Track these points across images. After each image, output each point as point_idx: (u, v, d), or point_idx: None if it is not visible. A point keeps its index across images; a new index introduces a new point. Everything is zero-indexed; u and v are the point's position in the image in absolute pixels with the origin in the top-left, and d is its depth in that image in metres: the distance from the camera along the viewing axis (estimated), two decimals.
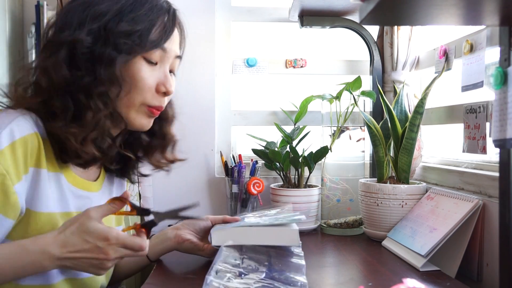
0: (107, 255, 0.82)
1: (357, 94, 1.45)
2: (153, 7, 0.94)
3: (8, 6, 1.97)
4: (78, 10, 0.91)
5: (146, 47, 0.92)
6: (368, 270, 1.09)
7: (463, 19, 0.80)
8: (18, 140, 0.82)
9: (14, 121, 0.83)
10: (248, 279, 0.88)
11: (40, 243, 0.81)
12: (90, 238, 0.81)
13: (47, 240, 0.81)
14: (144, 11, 0.93)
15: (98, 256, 0.82)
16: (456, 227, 1.07)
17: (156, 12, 0.94)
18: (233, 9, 1.70)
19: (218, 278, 0.85)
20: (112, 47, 0.89)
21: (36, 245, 0.80)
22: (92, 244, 0.81)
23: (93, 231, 0.81)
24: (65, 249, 0.80)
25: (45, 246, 0.80)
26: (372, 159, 1.58)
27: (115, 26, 0.90)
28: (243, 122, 1.72)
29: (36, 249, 0.80)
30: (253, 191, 1.49)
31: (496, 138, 0.85)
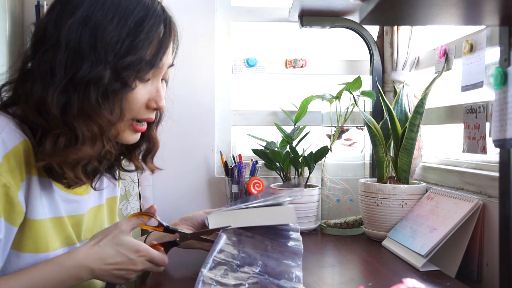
0: (135, 267, 0.89)
1: (357, 94, 1.45)
2: (153, 25, 0.88)
3: (8, 6, 1.97)
4: (85, 33, 0.83)
5: (144, 71, 0.88)
6: (368, 270, 1.09)
7: (463, 19, 0.80)
8: (12, 149, 0.80)
9: (4, 130, 0.81)
10: (242, 273, 0.87)
11: (76, 257, 0.85)
12: (123, 250, 0.88)
13: (81, 254, 0.86)
14: (145, 33, 0.87)
15: (128, 267, 0.88)
16: (456, 227, 1.07)
17: (155, 30, 0.88)
18: (233, 9, 1.70)
19: (213, 271, 0.85)
20: (120, 81, 0.85)
21: (72, 260, 0.85)
22: (125, 256, 0.88)
23: (126, 244, 0.88)
24: (102, 262, 0.86)
25: (81, 260, 0.85)
26: (372, 159, 1.58)
27: (123, 58, 0.84)
28: (243, 122, 1.72)
29: (73, 264, 0.84)
30: (253, 191, 1.49)
31: (496, 138, 0.85)
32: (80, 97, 0.82)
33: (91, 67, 0.82)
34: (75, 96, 0.82)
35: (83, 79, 0.81)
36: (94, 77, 0.82)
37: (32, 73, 0.84)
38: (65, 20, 0.84)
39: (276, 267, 0.92)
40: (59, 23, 0.84)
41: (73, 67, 0.82)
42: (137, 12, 0.86)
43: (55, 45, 0.83)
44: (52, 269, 0.83)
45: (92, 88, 0.82)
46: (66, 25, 0.83)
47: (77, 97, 0.82)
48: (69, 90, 0.82)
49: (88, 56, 0.82)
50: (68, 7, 0.85)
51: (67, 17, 0.84)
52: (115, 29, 0.84)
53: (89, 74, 0.82)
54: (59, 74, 0.82)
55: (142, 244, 0.90)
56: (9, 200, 0.80)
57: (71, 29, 0.83)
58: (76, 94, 0.82)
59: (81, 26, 0.83)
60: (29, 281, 0.81)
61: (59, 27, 0.84)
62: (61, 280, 0.83)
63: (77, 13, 0.84)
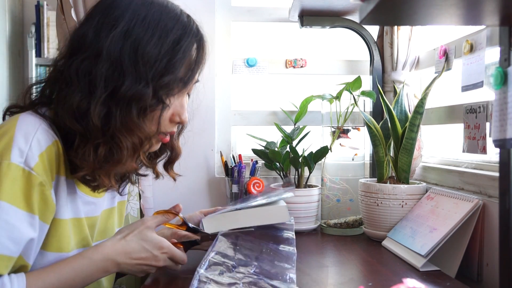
0: (158, 263, 0.93)
1: (357, 94, 1.45)
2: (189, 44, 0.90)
3: (8, 6, 1.97)
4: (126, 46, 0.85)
5: (177, 89, 0.91)
6: (368, 270, 1.09)
7: (463, 19, 0.80)
8: (46, 149, 0.83)
9: (38, 130, 0.83)
10: (237, 273, 0.88)
11: (103, 251, 0.89)
12: (148, 246, 0.92)
13: (109, 248, 0.90)
14: (182, 52, 0.88)
15: (151, 263, 0.93)
16: (456, 227, 1.07)
17: (190, 49, 0.90)
18: (233, 9, 1.70)
19: (209, 271, 0.86)
20: (157, 99, 0.87)
21: (100, 254, 0.89)
22: (149, 252, 0.92)
23: (151, 240, 0.93)
24: (127, 256, 0.90)
25: (109, 254, 0.89)
26: (372, 159, 1.58)
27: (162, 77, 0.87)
28: (243, 122, 1.72)
29: (101, 257, 0.88)
30: (253, 191, 1.49)
31: (496, 138, 0.85)
32: (123, 111, 0.84)
33: (133, 84, 0.84)
34: (117, 110, 0.84)
35: (125, 95, 0.84)
36: (136, 94, 0.84)
37: (68, 78, 0.85)
38: (106, 31, 0.85)
39: (270, 268, 0.93)
40: (99, 33, 0.86)
41: (114, 80, 0.84)
42: (176, 30, 0.89)
43: (95, 54, 0.84)
44: (82, 263, 0.87)
45: (133, 104, 0.84)
46: (107, 37, 0.85)
47: (119, 112, 0.84)
48: (110, 102, 0.84)
49: (129, 71, 0.84)
50: (109, 19, 0.87)
51: (108, 28, 0.86)
52: (155, 47, 0.86)
53: (132, 90, 0.84)
54: (99, 86, 0.83)
55: (165, 241, 0.94)
56: (44, 198, 0.82)
57: (112, 41, 0.84)
58: (118, 108, 0.84)
59: (122, 39, 0.85)
60: (60, 275, 0.84)
61: (100, 37, 0.85)
62: (90, 273, 0.87)
63: (118, 25, 0.86)
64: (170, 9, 0.91)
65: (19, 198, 0.79)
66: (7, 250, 0.77)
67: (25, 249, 0.81)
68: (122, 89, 0.83)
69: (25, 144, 0.80)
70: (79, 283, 0.87)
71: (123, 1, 0.89)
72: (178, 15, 0.91)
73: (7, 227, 0.77)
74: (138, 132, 0.86)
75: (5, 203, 0.77)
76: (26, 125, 0.83)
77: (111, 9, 0.88)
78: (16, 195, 0.78)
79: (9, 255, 0.77)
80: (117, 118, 0.84)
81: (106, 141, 0.85)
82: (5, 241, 0.77)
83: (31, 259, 0.83)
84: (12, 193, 0.78)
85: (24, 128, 0.82)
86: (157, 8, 0.89)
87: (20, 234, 0.78)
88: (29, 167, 0.79)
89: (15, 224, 0.78)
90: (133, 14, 0.87)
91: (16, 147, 0.79)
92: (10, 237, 0.77)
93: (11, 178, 0.78)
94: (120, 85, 0.84)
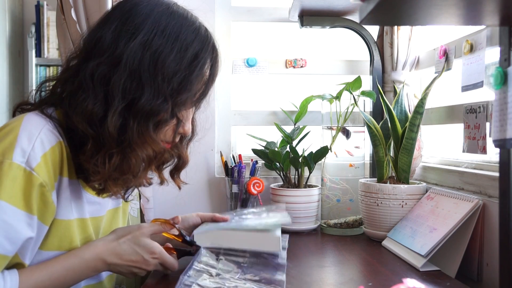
0: (148, 267, 0.93)
1: (357, 94, 1.45)
2: (205, 59, 0.91)
3: (8, 6, 1.97)
4: (146, 58, 0.85)
5: (191, 105, 0.93)
6: (368, 270, 1.09)
7: (463, 19, 0.80)
8: (49, 150, 0.83)
9: (42, 130, 0.83)
10: (222, 279, 0.89)
11: (95, 250, 0.89)
12: (140, 250, 0.91)
13: (100, 247, 0.90)
14: (199, 68, 0.89)
15: (141, 266, 0.92)
16: (456, 227, 1.07)
17: (206, 65, 0.91)
18: (233, 9, 1.70)
19: (193, 277, 0.87)
20: (173, 115, 0.88)
21: (91, 252, 0.89)
22: (141, 256, 0.91)
23: (144, 245, 0.92)
24: (118, 257, 0.90)
25: (99, 253, 0.89)
26: (372, 159, 1.58)
27: (180, 94, 0.88)
28: (243, 122, 1.71)
29: (92, 256, 0.88)
30: (253, 191, 1.49)
31: (496, 138, 0.85)
32: (140, 124, 0.85)
33: (152, 98, 0.84)
34: (134, 122, 0.84)
35: (143, 108, 0.84)
36: (154, 109, 0.85)
37: (83, 82, 0.84)
38: (125, 39, 0.85)
39: (256, 275, 0.93)
40: (118, 39, 0.85)
41: (132, 92, 0.84)
42: (195, 45, 0.89)
43: (114, 62, 0.84)
44: (73, 262, 0.87)
45: (151, 119, 0.85)
46: (126, 45, 0.84)
47: (136, 124, 0.85)
48: (126, 114, 0.84)
49: (148, 84, 0.84)
50: (128, 26, 0.86)
51: (127, 36, 0.85)
52: (174, 61, 0.86)
53: (150, 105, 0.84)
54: (117, 96, 0.83)
55: (158, 247, 0.94)
56: (44, 199, 0.82)
57: (132, 51, 0.84)
58: (135, 121, 0.84)
59: (142, 50, 0.85)
60: (52, 273, 0.84)
61: (118, 44, 0.85)
62: (81, 271, 0.87)
63: (138, 34, 0.85)
64: (190, 21, 0.91)
65: (18, 198, 0.79)
66: (2, 249, 0.77)
67: (21, 248, 0.81)
68: (140, 103, 0.84)
69: (28, 144, 0.80)
70: (70, 281, 0.87)
71: (144, 8, 0.88)
72: (197, 28, 0.91)
73: (5, 227, 0.77)
74: (153, 145, 0.87)
75: (4, 202, 0.77)
76: (30, 125, 0.83)
77: (131, 15, 0.87)
78: (16, 194, 0.78)
79: (4, 254, 0.78)
80: (134, 130, 0.84)
81: (120, 152, 0.85)
82: (2, 240, 0.77)
83: (28, 259, 0.83)
84: (12, 192, 0.78)
85: (28, 128, 0.82)
86: (177, 20, 0.89)
87: (17, 234, 0.78)
88: (30, 168, 0.79)
89: (13, 223, 0.78)
90: (153, 24, 0.86)
91: (19, 147, 0.80)
92: (7, 237, 0.77)
93: (12, 177, 0.78)
94: (138, 98, 0.84)
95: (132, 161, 0.86)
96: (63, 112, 0.87)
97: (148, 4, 0.89)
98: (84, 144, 0.85)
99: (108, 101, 0.84)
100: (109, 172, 0.85)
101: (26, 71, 2.38)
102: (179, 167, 1.05)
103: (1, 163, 0.78)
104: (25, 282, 0.80)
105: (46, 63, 2.38)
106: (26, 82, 2.38)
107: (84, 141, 0.85)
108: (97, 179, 0.86)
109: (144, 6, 0.88)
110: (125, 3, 0.90)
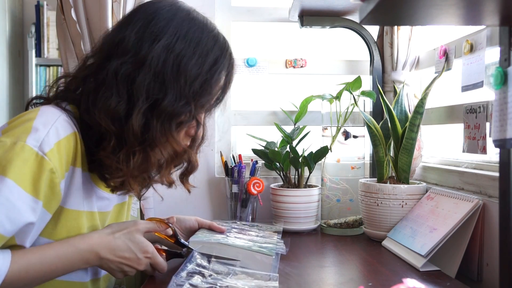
0: (139, 266, 0.92)
1: (357, 94, 1.45)
2: (223, 65, 0.94)
3: (8, 6, 1.97)
4: (169, 60, 0.88)
5: (209, 108, 0.97)
6: (368, 270, 1.09)
7: (463, 19, 0.80)
8: (63, 138, 0.84)
9: (58, 119, 0.85)
10: (214, 279, 0.89)
11: (89, 242, 0.88)
12: (134, 247, 0.91)
13: (95, 239, 0.89)
14: (218, 73, 0.93)
15: (132, 264, 0.91)
16: (456, 227, 1.07)
17: (224, 71, 0.95)
18: (233, 9, 1.70)
19: (185, 278, 0.88)
20: (193, 117, 0.92)
21: (85, 243, 0.87)
22: (134, 253, 0.91)
23: (138, 242, 0.91)
24: (111, 252, 0.89)
25: (93, 245, 0.88)
26: (372, 159, 1.58)
27: (200, 97, 0.91)
28: (243, 122, 1.71)
29: (85, 247, 0.87)
30: (253, 191, 1.49)
31: (496, 138, 0.85)
32: (164, 125, 0.88)
33: (175, 100, 0.87)
34: (157, 122, 0.87)
35: (166, 110, 0.87)
36: (177, 111, 0.88)
37: (106, 79, 0.87)
38: (149, 41, 0.88)
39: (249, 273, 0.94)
40: (142, 41, 0.88)
41: (156, 92, 0.87)
42: (215, 51, 0.93)
43: (138, 62, 0.87)
44: (66, 249, 0.86)
45: (173, 120, 0.88)
46: (151, 47, 0.87)
47: (160, 124, 0.87)
48: (149, 113, 0.87)
49: (171, 86, 0.88)
50: (152, 28, 0.89)
51: (151, 38, 0.88)
52: (196, 65, 0.89)
53: (173, 107, 0.87)
54: (141, 96, 0.86)
55: (151, 246, 0.94)
56: (52, 186, 0.83)
57: (156, 53, 0.87)
58: (159, 121, 0.87)
59: (165, 52, 0.88)
60: (43, 258, 0.83)
61: (142, 45, 0.88)
62: (72, 261, 0.86)
63: (162, 37, 0.88)
64: (210, 28, 0.94)
65: (27, 181, 0.79)
66: (1, 229, 0.76)
67: (21, 232, 0.80)
68: (163, 104, 0.87)
69: (43, 130, 0.82)
70: (60, 269, 0.85)
71: (167, 13, 0.91)
72: (216, 35, 0.95)
73: (8, 206, 0.77)
74: (175, 145, 0.90)
75: (11, 181, 0.77)
76: (47, 114, 0.85)
77: (153, 19, 0.90)
78: (25, 177, 0.79)
79: (2, 234, 0.77)
80: (157, 130, 0.87)
81: (142, 150, 0.88)
82: (3, 219, 0.76)
83: (27, 244, 0.83)
84: (21, 174, 0.78)
85: (44, 116, 0.84)
86: (198, 26, 0.92)
87: (19, 215, 0.78)
88: (42, 152, 0.80)
89: (16, 204, 0.78)
90: (176, 28, 0.90)
91: (34, 132, 0.81)
92: (8, 216, 0.77)
93: (23, 159, 0.79)
94: (162, 99, 0.87)
95: (154, 159, 0.90)
96: (83, 108, 0.89)
97: (171, 9, 0.92)
98: (103, 140, 0.87)
99: (131, 100, 0.86)
100: (131, 170, 0.87)
101: (26, 71, 2.38)
102: (188, 171, 1.06)
103: (14, 144, 0.79)
104: (16, 262, 0.79)
105: (46, 63, 2.38)
106: (26, 82, 2.38)
107: (104, 137, 0.87)
108: (119, 176, 0.88)
109: (167, 10, 0.91)
110: (147, 6, 0.93)
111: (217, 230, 1.16)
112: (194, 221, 1.17)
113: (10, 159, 0.78)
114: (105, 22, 1.38)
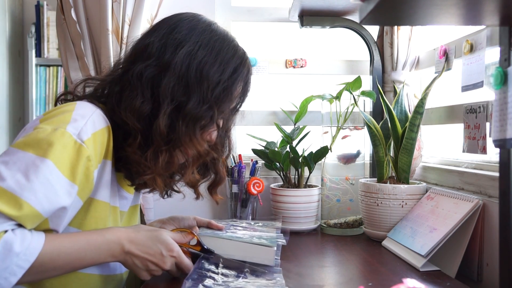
0: (164, 265, 0.92)
1: (357, 94, 1.45)
2: (242, 74, 0.99)
3: (8, 6, 1.97)
4: (192, 66, 0.92)
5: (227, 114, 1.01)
6: (368, 270, 1.09)
7: (463, 19, 0.81)
8: (99, 130, 0.88)
9: (94, 113, 0.89)
10: (225, 282, 0.90)
11: (116, 233, 0.89)
12: (159, 245, 0.91)
13: (122, 232, 0.90)
14: (238, 81, 0.98)
15: (157, 262, 0.91)
16: (456, 227, 1.07)
17: (243, 80, 1.00)
18: (233, 9, 1.70)
19: (196, 280, 0.88)
20: (214, 122, 0.96)
21: (113, 235, 0.89)
22: (158, 250, 0.91)
23: (164, 240, 0.92)
24: (137, 247, 0.89)
25: (120, 238, 0.89)
26: (372, 159, 1.58)
27: (221, 103, 0.96)
28: (243, 122, 1.71)
29: (113, 238, 0.88)
30: (253, 191, 1.49)
31: (496, 138, 0.85)
32: (188, 127, 0.92)
33: (198, 104, 0.92)
34: (183, 124, 0.92)
35: (190, 113, 0.92)
36: (200, 115, 0.93)
37: (131, 80, 0.92)
38: (173, 47, 0.93)
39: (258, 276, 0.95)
40: (165, 47, 0.93)
41: (180, 95, 0.92)
42: (235, 60, 0.97)
43: (162, 66, 0.92)
44: (96, 238, 0.87)
45: (197, 123, 0.93)
46: (174, 53, 0.92)
47: (185, 126, 0.92)
48: (173, 115, 0.91)
49: (194, 90, 0.92)
50: (175, 35, 0.94)
51: (174, 44, 0.93)
52: (217, 72, 0.94)
53: (196, 110, 0.92)
54: (166, 98, 0.91)
55: (176, 246, 0.94)
56: (87, 173, 0.86)
57: (179, 58, 0.92)
58: (184, 123, 0.92)
59: (189, 59, 0.92)
60: (75, 244, 0.85)
61: (166, 51, 0.93)
62: (100, 250, 0.87)
63: (185, 45, 0.93)
64: (230, 39, 0.99)
65: (65, 165, 0.82)
66: (40, 206, 0.79)
67: (55, 216, 0.83)
68: (188, 106, 0.91)
69: (82, 121, 0.86)
70: (89, 257, 0.86)
71: (189, 23, 0.97)
72: (236, 46, 1.00)
73: (47, 185, 0.79)
74: (199, 146, 0.94)
75: (51, 163, 0.80)
76: (84, 108, 0.89)
77: (176, 27, 0.96)
78: (64, 161, 0.82)
79: (40, 212, 0.79)
80: (182, 131, 0.91)
81: (168, 150, 0.92)
82: (42, 198, 0.79)
83: (60, 230, 0.85)
84: (61, 158, 0.81)
85: (82, 109, 0.88)
86: (219, 36, 0.97)
87: (57, 197, 0.80)
88: (81, 140, 0.84)
89: (55, 185, 0.80)
90: (198, 36, 0.95)
91: (73, 121, 0.85)
92: (47, 196, 0.79)
93: (63, 144, 0.82)
94: (186, 102, 0.92)
95: (179, 159, 0.95)
96: (109, 107, 0.93)
97: (192, 19, 0.98)
98: (129, 137, 0.91)
99: (155, 101, 0.91)
100: (159, 168, 0.91)
101: (26, 71, 2.38)
102: (216, 183, 1.11)
103: (55, 129, 0.83)
104: (49, 242, 0.81)
105: (46, 63, 2.38)
106: (26, 82, 2.38)
107: (130, 135, 0.91)
108: (147, 173, 0.92)
109: (189, 21, 0.97)
110: (170, 17, 0.99)
111: (216, 228, 1.16)
112: (193, 220, 1.19)
113: (51, 142, 0.81)
114: (105, 22, 1.38)
